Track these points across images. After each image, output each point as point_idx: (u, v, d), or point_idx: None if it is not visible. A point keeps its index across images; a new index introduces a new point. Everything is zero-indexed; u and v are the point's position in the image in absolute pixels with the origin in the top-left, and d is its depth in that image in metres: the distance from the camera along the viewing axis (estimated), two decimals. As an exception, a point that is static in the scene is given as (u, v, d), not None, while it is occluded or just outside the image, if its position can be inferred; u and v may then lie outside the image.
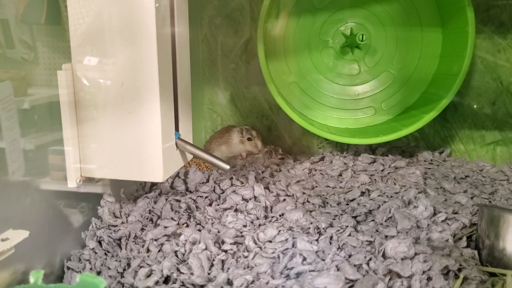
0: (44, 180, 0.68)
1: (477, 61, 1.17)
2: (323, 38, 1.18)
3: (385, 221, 0.79)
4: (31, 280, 0.50)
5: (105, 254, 0.75)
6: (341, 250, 0.68)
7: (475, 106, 1.20)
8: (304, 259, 0.65)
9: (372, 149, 1.23)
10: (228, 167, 0.78)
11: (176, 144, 0.77)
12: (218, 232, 0.75)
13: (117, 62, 0.68)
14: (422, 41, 1.15)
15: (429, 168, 1.10)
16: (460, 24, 1.03)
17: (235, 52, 1.26)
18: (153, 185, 0.93)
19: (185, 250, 0.71)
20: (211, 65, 1.28)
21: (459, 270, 0.62)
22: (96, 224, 0.79)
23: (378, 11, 1.15)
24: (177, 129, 0.77)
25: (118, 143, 0.70)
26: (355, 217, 0.81)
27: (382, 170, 1.07)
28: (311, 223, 0.76)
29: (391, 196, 0.90)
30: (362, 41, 1.10)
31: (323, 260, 0.65)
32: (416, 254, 0.65)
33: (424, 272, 0.61)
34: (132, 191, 0.91)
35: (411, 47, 1.17)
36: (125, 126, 0.70)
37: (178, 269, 0.67)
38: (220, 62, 1.28)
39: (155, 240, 0.76)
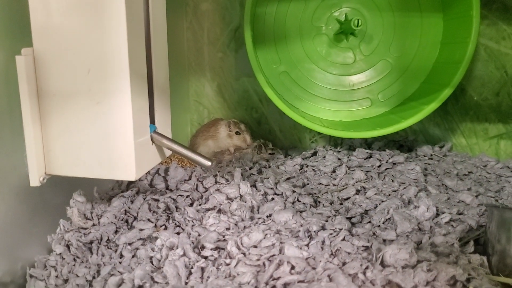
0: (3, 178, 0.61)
1: (480, 49, 1.11)
2: (316, 25, 1.12)
3: (383, 223, 0.72)
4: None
5: (74, 260, 0.68)
6: (334, 257, 0.61)
7: (477, 97, 1.14)
8: (293, 267, 0.58)
9: (368, 143, 1.18)
10: (209, 163, 0.71)
11: (152, 138, 0.69)
12: (199, 235, 0.68)
13: (83, 46, 0.60)
14: (422, 27, 1.10)
15: (429, 164, 1.04)
16: (463, 8, 0.97)
17: (223, 40, 1.20)
18: (130, 183, 0.86)
19: (161, 256, 0.64)
20: (197, 54, 1.22)
21: (468, 280, 0.56)
22: (64, 227, 0.72)
23: (374, -5, 1.09)
24: (152, 121, 0.70)
25: (85, 137, 0.63)
26: (349, 218, 0.75)
27: (379, 166, 1.01)
28: (301, 226, 0.69)
29: (389, 195, 0.84)
30: (357, 26, 1.03)
31: (314, 268, 0.58)
32: (418, 261, 0.58)
33: (428, 282, 0.54)
34: (107, 190, 0.83)
35: (410, 34, 1.11)
36: (93, 117, 0.62)
37: (152, 278, 0.60)
38: (207, 51, 1.21)
39: (129, 244, 0.69)
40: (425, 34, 1.10)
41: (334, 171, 1.00)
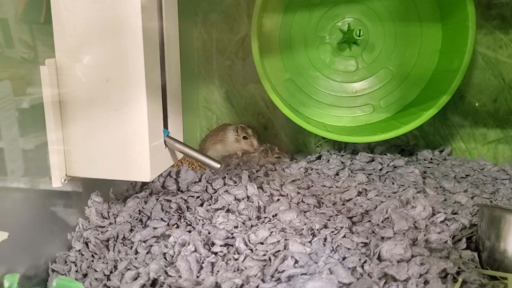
0: (28, 180, 0.66)
1: (478, 57, 1.14)
2: (320, 34, 1.16)
3: (382, 222, 0.76)
4: (6, 284, 0.47)
5: (92, 256, 0.72)
6: (335, 252, 0.65)
7: (476, 104, 1.18)
8: (296, 261, 0.62)
9: (370, 147, 1.21)
10: (218, 165, 0.75)
11: (165, 142, 0.74)
12: (209, 233, 0.73)
13: (102, 58, 0.65)
14: (421, 36, 1.13)
15: (428, 167, 1.07)
16: (460, 19, 1.01)
17: (231, 49, 1.24)
18: (144, 184, 0.90)
19: (174, 252, 0.69)
20: (206, 62, 1.26)
21: (458, 273, 0.60)
22: (83, 225, 0.76)
23: (376, 6, 1.13)
24: (166, 126, 0.75)
25: (103, 141, 0.68)
26: (350, 218, 0.78)
27: (381, 169, 1.05)
28: (305, 224, 0.73)
29: (389, 196, 0.87)
30: (359, 36, 1.07)
31: (316, 262, 0.63)
32: (412, 256, 0.62)
33: (421, 275, 0.59)
34: (122, 191, 0.88)
35: (410, 43, 1.14)
36: (111, 123, 0.67)
37: (166, 272, 0.64)
38: (215, 59, 1.25)
39: (144, 241, 0.74)
40: (425, 43, 1.13)
41: (337, 174, 1.03)
